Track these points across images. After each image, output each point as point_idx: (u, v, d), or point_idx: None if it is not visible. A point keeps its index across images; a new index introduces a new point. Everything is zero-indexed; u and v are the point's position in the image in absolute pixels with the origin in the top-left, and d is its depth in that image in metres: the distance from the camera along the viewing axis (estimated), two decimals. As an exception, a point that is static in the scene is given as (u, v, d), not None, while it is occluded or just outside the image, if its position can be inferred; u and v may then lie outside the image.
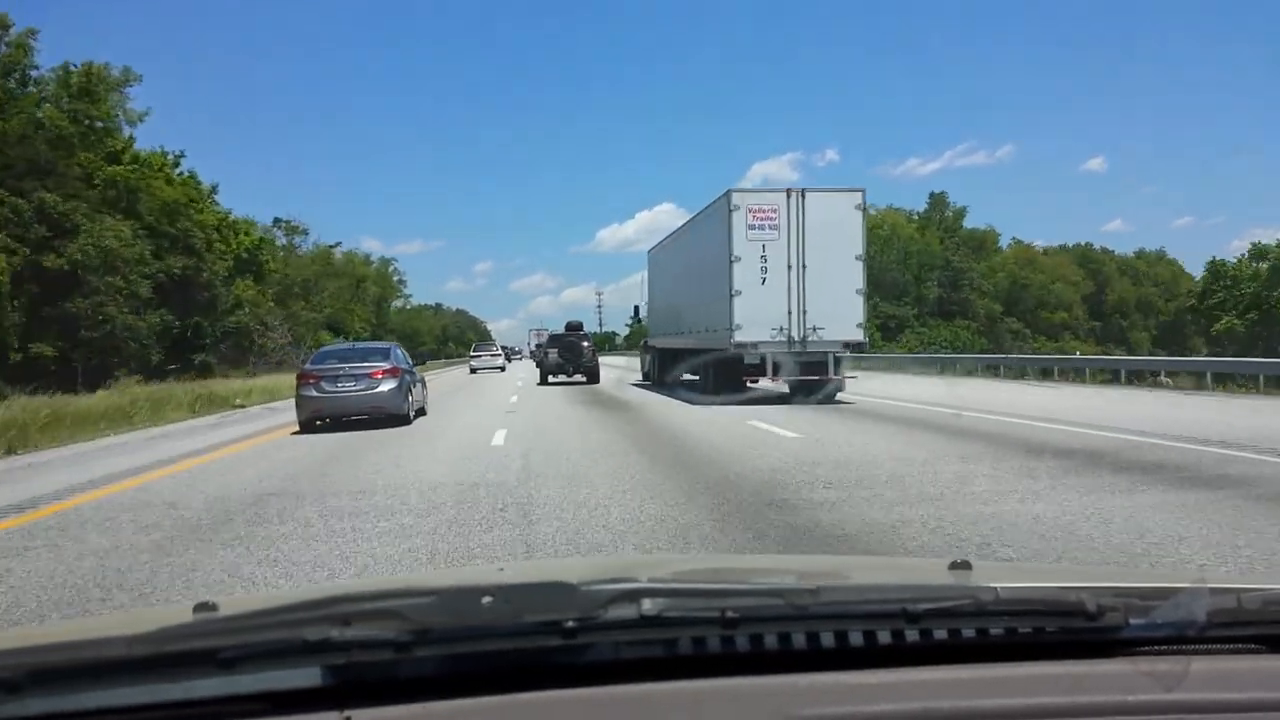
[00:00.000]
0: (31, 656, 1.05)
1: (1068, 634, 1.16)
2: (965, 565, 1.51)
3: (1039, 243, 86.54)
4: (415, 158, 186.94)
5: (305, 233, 61.69)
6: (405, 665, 1.03)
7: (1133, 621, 1.15)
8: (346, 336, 52.35)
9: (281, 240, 58.32)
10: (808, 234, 16.91)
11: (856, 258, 17.03)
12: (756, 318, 16.77)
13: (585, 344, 28.75)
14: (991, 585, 1.19)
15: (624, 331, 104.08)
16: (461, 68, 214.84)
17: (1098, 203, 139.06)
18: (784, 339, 16.90)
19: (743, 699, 1.03)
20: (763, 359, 16.90)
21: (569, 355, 28.07)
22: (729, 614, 1.08)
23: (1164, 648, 1.16)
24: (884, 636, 1.13)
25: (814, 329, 16.89)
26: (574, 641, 1.05)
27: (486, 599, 1.11)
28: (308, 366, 15.21)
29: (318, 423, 14.18)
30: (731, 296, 16.92)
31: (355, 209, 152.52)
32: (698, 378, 20.80)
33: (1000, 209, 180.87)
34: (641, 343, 31.52)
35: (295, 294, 53.42)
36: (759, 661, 1.09)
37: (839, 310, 16.87)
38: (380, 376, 14.33)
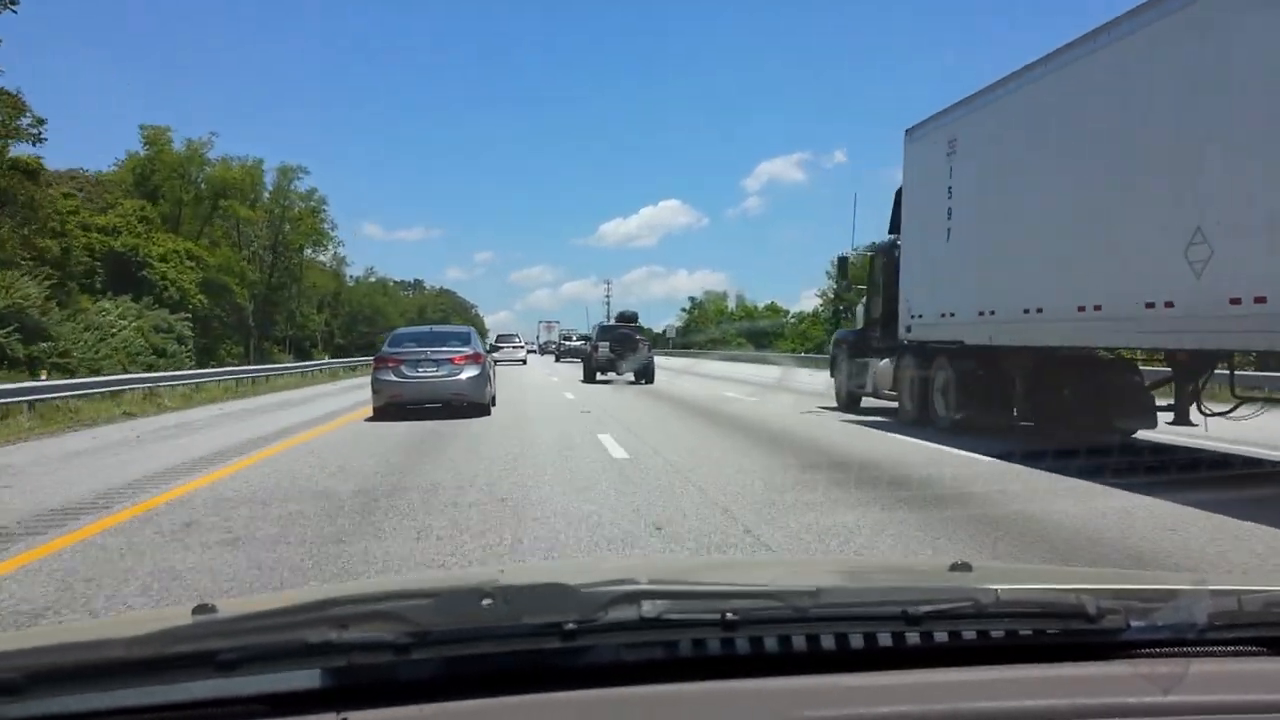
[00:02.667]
0: (31, 658, 1.05)
1: (1068, 636, 1.16)
2: (965, 567, 1.51)
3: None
4: (419, 143, 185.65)
5: None
6: (404, 667, 1.02)
7: (1133, 624, 1.15)
8: (138, 298, 31.55)
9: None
10: None
11: None
12: None
13: (639, 338, 24.76)
14: (992, 587, 1.19)
15: (672, 322, 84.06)
16: (465, 58, 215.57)
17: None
18: None
19: (743, 701, 1.03)
20: None
21: (621, 350, 24.00)
22: (729, 616, 1.08)
23: (1164, 650, 1.16)
24: (884, 639, 1.13)
25: None
26: (574, 644, 1.05)
27: (486, 601, 1.11)
28: (385, 350, 14.56)
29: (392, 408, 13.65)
30: None
31: (356, 193, 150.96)
32: (1029, 419, 10.56)
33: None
34: (836, 340, 16.40)
35: None
36: (759, 664, 1.09)
37: None
38: (462, 363, 13.92)
